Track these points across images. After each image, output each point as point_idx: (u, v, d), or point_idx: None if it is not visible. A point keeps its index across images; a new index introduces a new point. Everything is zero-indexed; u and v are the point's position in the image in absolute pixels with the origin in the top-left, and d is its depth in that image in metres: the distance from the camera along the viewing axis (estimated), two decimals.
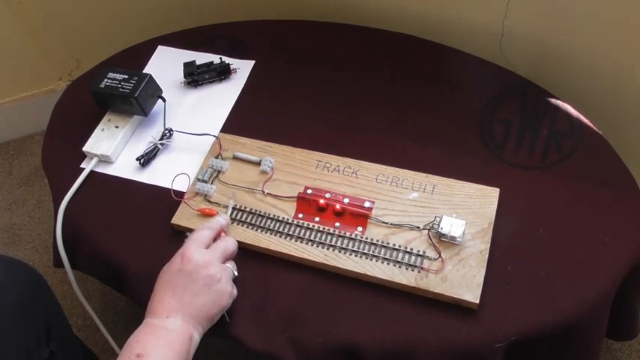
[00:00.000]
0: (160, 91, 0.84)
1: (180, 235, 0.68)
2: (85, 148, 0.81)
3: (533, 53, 0.95)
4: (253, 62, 0.92)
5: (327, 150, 0.77)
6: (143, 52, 0.95)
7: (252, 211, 0.71)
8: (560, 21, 0.89)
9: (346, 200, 0.71)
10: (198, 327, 0.60)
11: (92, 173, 0.80)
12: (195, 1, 1.17)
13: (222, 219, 0.69)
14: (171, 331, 0.57)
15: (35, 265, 1.07)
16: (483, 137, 0.79)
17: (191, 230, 0.71)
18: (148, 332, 0.58)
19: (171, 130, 0.82)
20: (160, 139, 0.81)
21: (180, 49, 0.95)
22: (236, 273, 0.65)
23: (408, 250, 0.66)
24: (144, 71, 0.87)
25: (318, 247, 0.68)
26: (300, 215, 0.70)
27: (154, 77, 0.82)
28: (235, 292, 0.64)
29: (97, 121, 0.83)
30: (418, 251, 0.66)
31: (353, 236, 0.68)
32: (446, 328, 0.62)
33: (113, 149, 0.80)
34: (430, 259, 0.65)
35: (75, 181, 0.78)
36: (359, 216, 0.69)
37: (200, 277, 0.60)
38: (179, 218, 0.72)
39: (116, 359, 0.56)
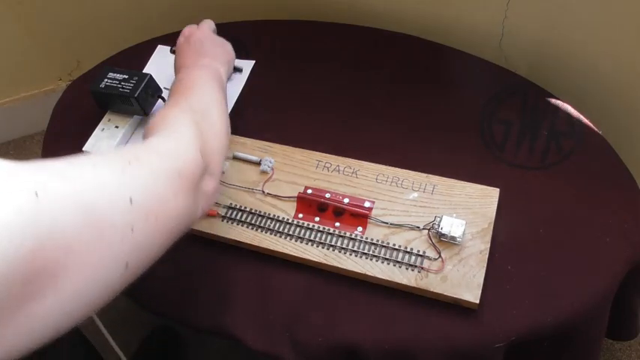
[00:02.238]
0: (160, 91, 0.83)
1: None
2: (85, 148, 0.81)
3: (533, 53, 0.95)
4: (253, 62, 0.92)
5: (327, 150, 0.77)
6: (143, 52, 0.95)
7: (252, 211, 0.71)
8: (561, 21, 0.89)
9: (346, 200, 0.71)
10: (221, 66, 0.70)
11: None
12: (195, 1, 1.17)
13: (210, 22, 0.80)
14: (201, 65, 0.68)
15: None
16: (483, 137, 0.79)
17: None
18: (183, 72, 0.68)
19: None
20: None
21: None
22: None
23: (408, 250, 0.66)
24: (144, 71, 0.87)
25: (318, 247, 0.68)
26: (300, 215, 0.70)
27: (154, 77, 0.82)
28: None
29: (97, 121, 0.83)
30: (418, 251, 0.66)
31: (353, 236, 0.68)
32: (446, 328, 0.62)
33: (113, 149, 0.80)
34: (430, 259, 0.65)
35: None
36: (359, 216, 0.69)
37: (205, 38, 0.74)
38: None
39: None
